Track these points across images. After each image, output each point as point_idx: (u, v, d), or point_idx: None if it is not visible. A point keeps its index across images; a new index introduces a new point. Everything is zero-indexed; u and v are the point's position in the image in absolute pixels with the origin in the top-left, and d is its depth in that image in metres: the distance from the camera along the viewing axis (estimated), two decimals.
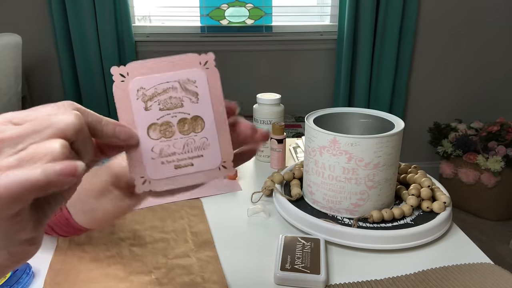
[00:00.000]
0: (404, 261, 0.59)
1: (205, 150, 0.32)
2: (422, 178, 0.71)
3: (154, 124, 0.31)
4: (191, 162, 0.32)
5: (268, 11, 2.13)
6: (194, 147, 0.32)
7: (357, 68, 2.11)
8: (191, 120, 0.32)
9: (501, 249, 1.78)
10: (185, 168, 0.32)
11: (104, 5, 1.90)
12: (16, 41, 1.61)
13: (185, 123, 0.32)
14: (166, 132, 0.32)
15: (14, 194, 0.22)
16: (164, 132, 0.32)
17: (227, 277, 0.56)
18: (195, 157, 0.32)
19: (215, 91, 0.32)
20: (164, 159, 0.32)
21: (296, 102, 2.22)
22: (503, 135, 1.93)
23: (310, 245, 0.59)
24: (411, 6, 2.03)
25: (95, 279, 0.55)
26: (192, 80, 0.32)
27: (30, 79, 2.08)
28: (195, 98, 0.32)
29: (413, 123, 2.34)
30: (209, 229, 0.67)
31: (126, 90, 0.32)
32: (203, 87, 0.32)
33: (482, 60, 2.25)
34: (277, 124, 0.88)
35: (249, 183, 0.85)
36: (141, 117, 0.31)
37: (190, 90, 0.32)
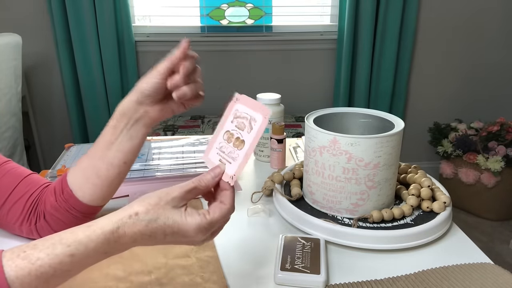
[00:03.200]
0: (404, 261, 0.59)
1: (234, 161, 0.49)
2: (422, 178, 0.71)
3: (228, 131, 0.52)
4: (225, 162, 0.50)
5: (268, 11, 2.13)
6: (231, 156, 0.50)
7: (357, 68, 2.11)
8: (240, 141, 0.50)
9: (501, 249, 1.78)
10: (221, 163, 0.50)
11: (104, 5, 1.90)
12: (16, 41, 1.61)
13: (237, 140, 0.50)
14: (229, 139, 0.51)
15: None
16: (228, 138, 0.51)
17: (227, 277, 0.56)
18: (228, 161, 0.50)
19: (259, 134, 0.49)
20: (219, 151, 0.52)
21: (296, 102, 2.22)
22: (503, 135, 1.93)
23: (310, 245, 0.59)
24: (411, 6, 2.03)
25: (95, 279, 0.55)
26: (255, 119, 0.50)
27: (30, 79, 2.08)
28: (250, 130, 0.50)
29: (413, 123, 2.34)
30: None
31: (232, 106, 0.53)
32: (257, 127, 0.49)
33: (482, 60, 2.24)
34: (277, 124, 0.88)
35: (249, 183, 0.85)
36: (227, 123, 0.52)
37: (251, 124, 0.50)
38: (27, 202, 0.59)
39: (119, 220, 0.41)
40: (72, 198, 0.57)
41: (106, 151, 0.56)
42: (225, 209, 0.45)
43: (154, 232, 0.42)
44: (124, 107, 0.55)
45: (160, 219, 0.42)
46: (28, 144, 2.13)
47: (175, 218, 0.43)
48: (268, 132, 0.93)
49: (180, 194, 0.44)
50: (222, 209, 0.45)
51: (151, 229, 0.42)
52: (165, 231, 0.43)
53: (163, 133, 1.88)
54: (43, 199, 0.59)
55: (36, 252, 0.39)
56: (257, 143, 0.96)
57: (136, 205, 0.43)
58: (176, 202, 0.44)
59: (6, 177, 0.59)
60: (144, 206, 0.42)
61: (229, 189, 0.47)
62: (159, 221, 0.42)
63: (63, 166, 0.83)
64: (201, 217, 0.44)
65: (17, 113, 1.66)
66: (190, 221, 0.43)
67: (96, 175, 0.56)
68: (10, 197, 0.59)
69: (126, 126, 0.55)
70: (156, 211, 0.42)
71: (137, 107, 0.55)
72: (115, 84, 2.03)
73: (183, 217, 0.43)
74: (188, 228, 0.43)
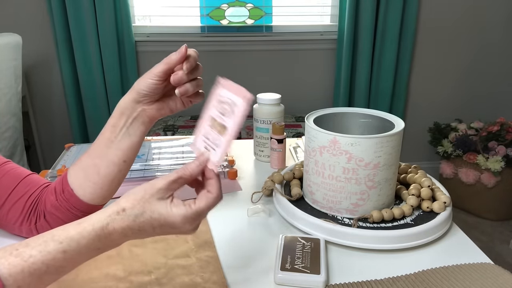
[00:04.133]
0: (404, 261, 0.59)
1: (217, 148, 0.49)
2: (422, 178, 0.71)
3: (211, 117, 0.50)
4: (210, 149, 0.50)
5: (268, 11, 2.13)
6: (215, 143, 0.49)
7: (357, 68, 2.11)
8: (223, 127, 0.48)
9: (501, 249, 1.78)
10: (206, 150, 0.50)
11: (104, 5, 1.90)
12: (16, 41, 1.61)
13: (220, 126, 0.49)
14: (212, 125, 0.50)
15: None
16: (212, 124, 0.50)
17: (227, 277, 0.56)
18: (212, 148, 0.49)
19: (240, 119, 0.47)
20: (205, 139, 0.51)
21: (296, 102, 2.22)
22: (503, 135, 1.93)
23: (310, 245, 0.59)
24: (411, 6, 2.03)
25: (95, 279, 0.55)
26: (235, 104, 0.48)
27: (30, 79, 2.08)
28: (232, 115, 0.48)
29: (413, 123, 2.34)
30: (209, 229, 0.67)
31: (215, 91, 0.51)
32: (237, 112, 0.47)
33: (482, 60, 2.24)
34: (277, 124, 0.88)
35: (249, 183, 0.85)
36: (211, 109, 0.51)
37: (233, 109, 0.48)
38: (27, 202, 0.59)
39: (108, 216, 0.42)
40: (73, 197, 0.57)
41: (106, 150, 0.56)
42: (211, 198, 0.46)
43: (142, 226, 0.43)
44: (122, 106, 0.55)
45: (146, 213, 0.43)
46: (28, 144, 2.13)
47: (160, 211, 0.43)
48: (268, 132, 0.93)
49: (165, 185, 0.44)
50: (209, 198, 0.46)
51: (139, 224, 0.43)
52: (153, 224, 0.44)
53: (163, 133, 1.88)
54: (43, 198, 0.59)
55: (28, 250, 0.39)
56: (256, 142, 0.96)
57: (123, 201, 0.43)
58: (162, 193, 0.44)
59: (5, 177, 0.59)
60: (130, 202, 0.43)
61: (213, 178, 0.47)
62: (145, 215, 0.43)
63: (63, 166, 0.83)
64: (187, 208, 0.44)
65: (17, 113, 1.66)
66: (176, 212, 0.44)
67: (96, 174, 0.56)
68: (9, 197, 0.59)
69: (125, 124, 0.55)
70: (141, 205, 0.43)
71: (135, 105, 0.55)
72: (115, 84, 2.03)
73: (169, 209, 0.44)
74: (174, 220, 0.44)
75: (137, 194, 0.44)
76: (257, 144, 0.96)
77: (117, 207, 0.43)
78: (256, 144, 0.96)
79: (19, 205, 0.59)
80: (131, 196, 0.44)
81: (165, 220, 0.44)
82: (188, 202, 0.45)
